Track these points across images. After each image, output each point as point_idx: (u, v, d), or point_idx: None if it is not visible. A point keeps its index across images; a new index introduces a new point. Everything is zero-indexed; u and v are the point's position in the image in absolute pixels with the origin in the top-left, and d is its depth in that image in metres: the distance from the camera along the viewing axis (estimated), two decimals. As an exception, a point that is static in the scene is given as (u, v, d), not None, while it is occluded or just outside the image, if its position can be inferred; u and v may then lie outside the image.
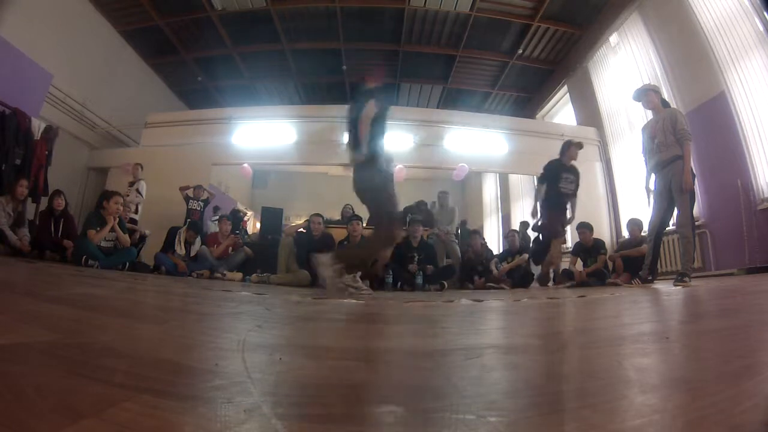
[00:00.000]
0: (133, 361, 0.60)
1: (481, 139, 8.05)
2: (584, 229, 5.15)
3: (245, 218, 8.65)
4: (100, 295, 1.73)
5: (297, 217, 9.61)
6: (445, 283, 4.85)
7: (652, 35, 6.34)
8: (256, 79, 10.22)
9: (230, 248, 5.28)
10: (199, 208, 6.57)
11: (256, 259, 5.32)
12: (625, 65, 7.08)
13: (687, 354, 0.80)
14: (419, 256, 4.95)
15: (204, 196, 6.66)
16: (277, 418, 0.38)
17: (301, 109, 8.85)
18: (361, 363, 0.71)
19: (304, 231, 5.22)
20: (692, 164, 3.44)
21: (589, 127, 8.02)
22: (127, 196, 5.67)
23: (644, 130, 3.75)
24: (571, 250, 5.39)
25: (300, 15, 8.04)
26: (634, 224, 5.18)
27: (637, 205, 6.44)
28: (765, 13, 4.54)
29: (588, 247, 5.14)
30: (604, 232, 7.04)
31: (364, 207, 3.06)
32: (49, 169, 5.33)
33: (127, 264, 4.45)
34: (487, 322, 1.57)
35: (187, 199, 6.53)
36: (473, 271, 5.45)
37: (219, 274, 4.80)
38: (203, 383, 0.51)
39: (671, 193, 3.40)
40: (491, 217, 11.51)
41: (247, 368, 0.58)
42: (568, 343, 0.94)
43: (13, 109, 4.90)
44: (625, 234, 6.20)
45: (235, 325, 1.20)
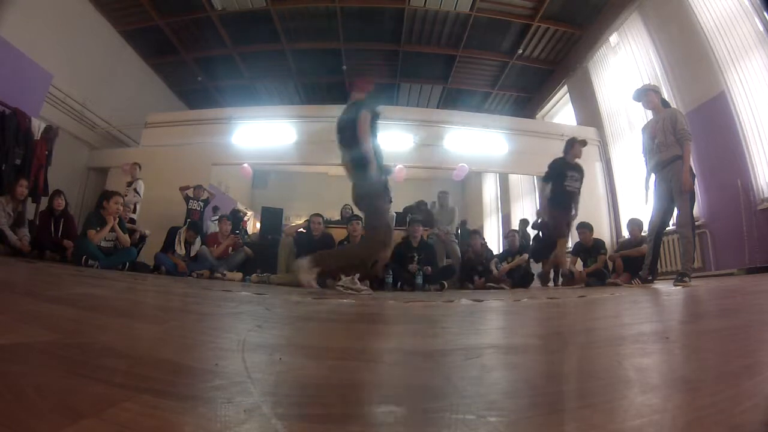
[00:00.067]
0: (133, 361, 0.60)
1: (481, 139, 8.05)
2: (584, 229, 5.15)
3: (245, 218, 8.65)
4: (100, 295, 1.73)
5: (297, 217, 9.61)
6: (445, 283, 4.85)
7: (652, 35, 6.34)
8: (256, 79, 10.22)
9: (230, 248, 5.29)
10: (199, 208, 6.57)
11: (256, 259, 5.32)
12: (625, 65, 7.08)
13: (687, 354, 0.80)
14: (419, 256, 4.95)
15: (204, 196, 6.66)
16: (277, 418, 0.38)
17: (301, 109, 8.85)
18: (361, 363, 0.71)
19: (304, 231, 5.22)
20: (692, 164, 3.44)
21: (589, 127, 8.02)
22: (125, 196, 5.67)
23: (644, 130, 3.75)
24: (571, 250, 5.39)
25: (300, 15, 8.04)
26: (634, 224, 5.18)
27: (637, 205, 6.44)
28: (765, 13, 4.54)
29: (588, 247, 5.14)
30: (604, 232, 7.04)
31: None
32: (49, 169, 5.33)
33: (127, 264, 4.45)
34: (487, 322, 1.57)
35: (187, 199, 6.53)
36: (473, 271, 5.45)
37: (219, 274, 4.80)
38: (203, 383, 0.51)
39: (671, 193, 3.40)
40: (491, 217, 11.51)
41: (247, 368, 0.58)
42: (568, 343, 0.94)
43: (13, 109, 4.90)
44: (625, 234, 6.20)
45: (235, 325, 1.19)
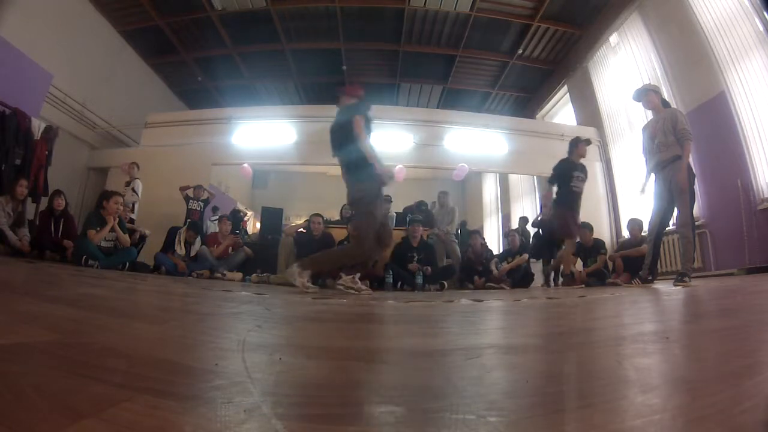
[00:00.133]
0: (133, 361, 0.60)
1: (481, 139, 8.05)
2: (584, 229, 5.15)
3: (245, 218, 8.65)
4: (100, 295, 1.73)
5: (297, 217, 9.62)
6: (445, 283, 4.85)
7: (652, 35, 6.34)
8: (256, 79, 10.22)
9: (230, 248, 5.28)
10: (199, 208, 6.57)
11: (256, 259, 5.32)
12: (625, 65, 7.08)
13: (687, 354, 0.80)
14: (419, 256, 4.95)
15: (204, 196, 6.67)
16: (277, 418, 0.38)
17: (301, 109, 8.85)
18: (361, 363, 0.71)
19: (304, 231, 5.22)
20: (692, 164, 3.44)
21: (589, 127, 8.02)
22: (124, 196, 5.67)
23: (644, 130, 3.74)
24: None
25: (300, 15, 8.04)
26: (634, 224, 5.18)
27: (637, 205, 6.44)
28: (765, 13, 4.54)
29: (588, 247, 5.14)
30: (604, 232, 7.04)
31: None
32: (49, 169, 5.32)
33: (127, 264, 4.45)
34: (487, 322, 1.57)
35: (187, 199, 6.53)
36: (473, 271, 5.45)
37: (219, 274, 4.80)
38: (203, 383, 0.51)
39: (671, 194, 3.40)
40: (491, 217, 11.51)
41: (247, 368, 0.58)
42: (568, 343, 0.94)
43: (13, 109, 4.90)
44: (625, 234, 6.20)
45: (235, 325, 1.20)
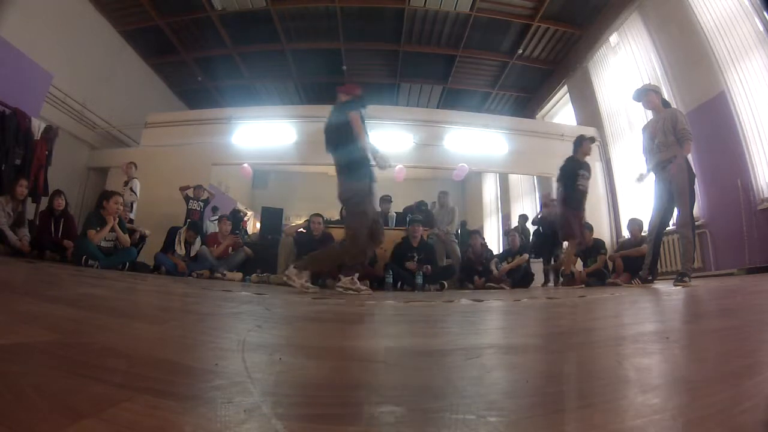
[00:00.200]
0: (133, 361, 0.60)
1: (481, 139, 8.05)
2: (586, 231, 5.15)
3: (245, 218, 8.65)
4: (100, 295, 1.73)
5: (297, 217, 9.61)
6: (445, 283, 4.85)
7: (652, 35, 6.34)
8: (256, 79, 10.22)
9: (230, 248, 5.28)
10: (199, 208, 6.57)
11: (256, 259, 5.32)
12: (625, 65, 7.08)
13: (687, 354, 0.80)
14: (419, 256, 4.95)
15: (204, 196, 6.66)
16: (277, 418, 0.38)
17: (301, 109, 8.84)
18: (361, 363, 0.71)
19: (304, 231, 5.22)
20: (692, 164, 3.44)
21: (589, 127, 8.01)
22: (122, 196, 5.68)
23: (644, 130, 3.74)
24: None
25: (300, 15, 8.04)
26: (634, 224, 5.18)
27: (636, 205, 6.45)
28: (765, 13, 4.54)
29: (588, 247, 5.14)
30: (604, 232, 7.04)
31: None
32: (49, 169, 5.32)
33: (127, 264, 4.45)
34: (487, 322, 1.57)
35: (187, 199, 6.53)
36: (473, 271, 5.45)
37: (219, 274, 4.80)
38: (203, 383, 0.51)
39: (671, 194, 3.40)
40: (491, 217, 11.51)
41: (247, 368, 0.58)
42: (568, 343, 0.94)
43: (13, 109, 4.90)
44: (625, 234, 6.20)
45: (235, 325, 1.20)
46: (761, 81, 4.64)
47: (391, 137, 7.60)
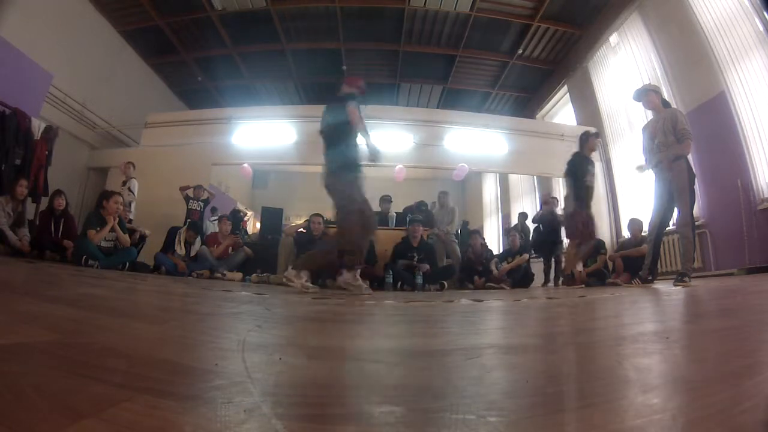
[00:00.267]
0: (133, 361, 0.60)
1: (481, 139, 8.05)
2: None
3: (245, 218, 8.65)
4: (100, 295, 1.73)
5: (297, 217, 9.61)
6: (445, 283, 4.85)
7: (652, 35, 6.33)
8: (256, 79, 10.22)
9: (230, 248, 5.28)
10: (199, 208, 6.57)
11: (256, 259, 5.32)
12: (625, 65, 7.08)
13: (687, 354, 0.80)
14: (419, 256, 4.95)
15: (204, 196, 6.67)
16: (277, 418, 0.38)
17: (301, 109, 8.83)
18: (361, 363, 0.71)
19: (304, 231, 5.22)
20: (692, 164, 3.44)
21: (589, 127, 8.00)
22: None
23: (645, 130, 3.74)
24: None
25: (300, 15, 8.04)
26: (635, 224, 5.17)
27: (637, 205, 6.45)
28: (765, 13, 4.54)
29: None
30: (604, 232, 7.03)
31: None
32: (49, 169, 5.32)
33: (127, 264, 4.45)
34: (487, 322, 1.57)
35: (187, 199, 6.53)
36: (473, 271, 5.45)
37: (219, 274, 4.80)
38: (203, 383, 0.51)
39: (671, 194, 3.40)
40: (491, 217, 11.51)
41: (247, 368, 0.58)
42: (568, 343, 0.94)
43: (13, 109, 4.90)
44: (626, 234, 6.20)
45: (235, 325, 1.20)
46: (761, 81, 4.64)
47: (391, 137, 7.60)
